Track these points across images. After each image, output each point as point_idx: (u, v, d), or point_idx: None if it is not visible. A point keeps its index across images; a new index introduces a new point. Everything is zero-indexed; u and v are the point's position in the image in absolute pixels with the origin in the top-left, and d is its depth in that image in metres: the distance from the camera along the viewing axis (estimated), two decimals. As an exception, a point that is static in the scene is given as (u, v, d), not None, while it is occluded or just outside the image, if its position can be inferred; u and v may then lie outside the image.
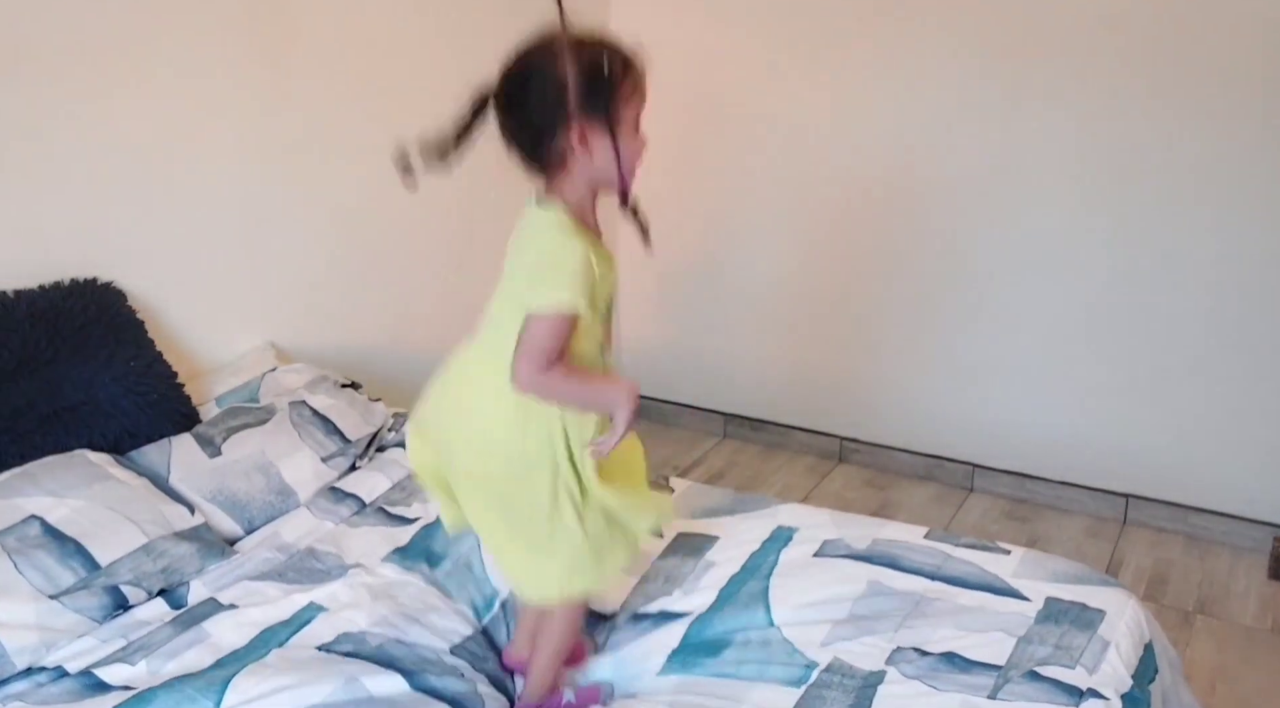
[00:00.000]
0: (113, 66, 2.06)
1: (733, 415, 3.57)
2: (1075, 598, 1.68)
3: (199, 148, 2.24)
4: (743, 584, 1.77)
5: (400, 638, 1.63)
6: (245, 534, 1.93)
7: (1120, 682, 1.50)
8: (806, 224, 3.19)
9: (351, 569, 1.81)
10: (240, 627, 1.64)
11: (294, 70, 2.41)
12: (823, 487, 3.24)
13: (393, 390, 2.70)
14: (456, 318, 3.02)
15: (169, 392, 2.04)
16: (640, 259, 3.58)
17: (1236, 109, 2.59)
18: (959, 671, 1.53)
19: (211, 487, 1.93)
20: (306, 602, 1.70)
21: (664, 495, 1.96)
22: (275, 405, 2.14)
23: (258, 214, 2.39)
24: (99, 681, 1.52)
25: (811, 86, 3.05)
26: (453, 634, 1.67)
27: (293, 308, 2.51)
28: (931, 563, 1.79)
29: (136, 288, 2.13)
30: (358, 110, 2.59)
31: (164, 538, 1.77)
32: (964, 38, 2.82)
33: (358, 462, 2.15)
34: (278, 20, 2.35)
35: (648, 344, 3.70)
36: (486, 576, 1.82)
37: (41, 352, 1.87)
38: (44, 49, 1.95)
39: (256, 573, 1.79)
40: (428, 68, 2.77)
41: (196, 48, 2.20)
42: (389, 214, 2.73)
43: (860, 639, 1.61)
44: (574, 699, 1.60)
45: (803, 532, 1.90)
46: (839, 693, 1.49)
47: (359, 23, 2.56)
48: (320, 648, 1.59)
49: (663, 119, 3.40)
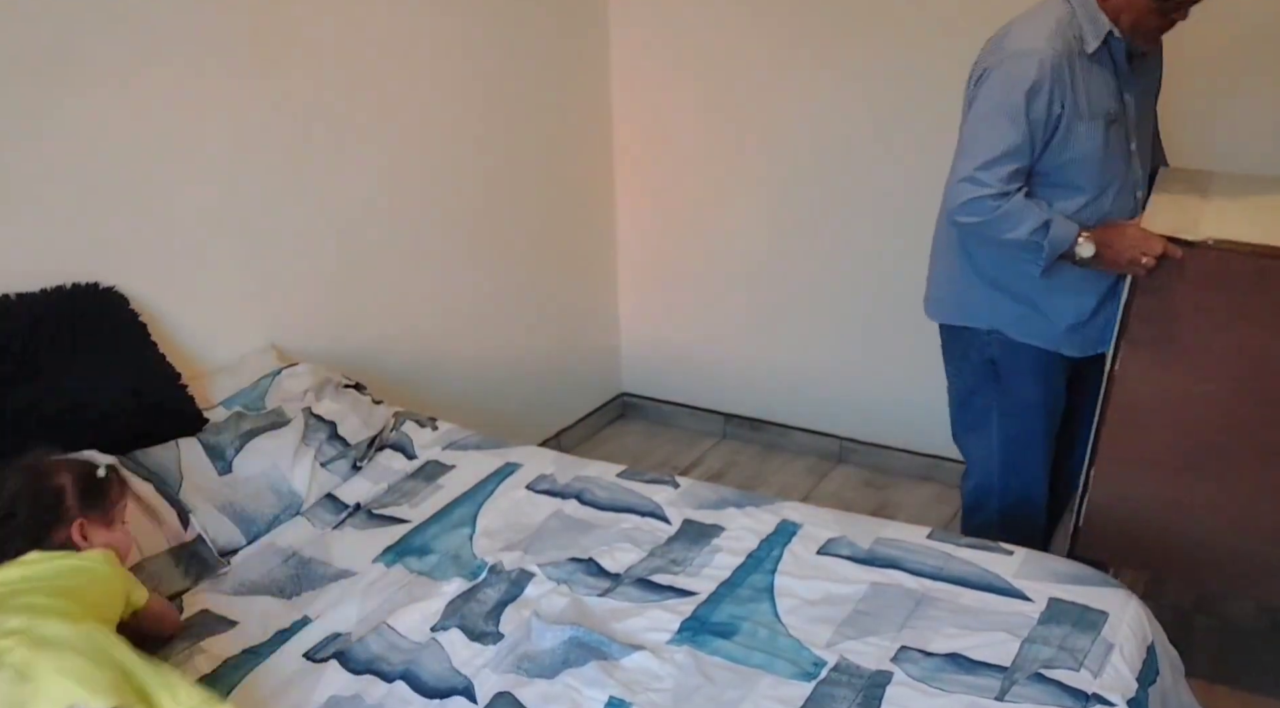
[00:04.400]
0: (113, 68, 2.05)
1: (732, 415, 3.58)
2: (1077, 599, 1.69)
3: (200, 150, 2.24)
4: (749, 575, 1.80)
5: (386, 636, 1.66)
6: (246, 544, 1.94)
7: (1126, 687, 1.51)
8: (807, 224, 3.19)
9: (347, 575, 1.84)
10: (234, 641, 1.66)
11: (294, 72, 2.41)
12: (822, 487, 3.25)
13: (394, 391, 2.71)
14: (456, 318, 3.03)
15: (172, 393, 2.04)
16: (640, 259, 3.60)
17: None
18: (964, 672, 1.54)
19: (221, 500, 1.94)
20: (300, 615, 1.73)
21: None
22: (284, 411, 2.15)
23: (259, 216, 2.39)
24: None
25: (812, 85, 3.05)
26: (433, 616, 1.71)
27: (294, 309, 2.51)
28: (934, 563, 1.80)
29: (138, 291, 2.12)
30: (358, 112, 2.59)
31: (157, 556, 1.79)
32: (950, 32, 2.83)
33: (358, 462, 2.16)
34: (277, 22, 2.35)
35: (648, 344, 3.70)
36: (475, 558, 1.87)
37: (44, 355, 1.87)
38: (44, 51, 1.94)
39: (248, 587, 1.81)
40: (427, 69, 2.77)
41: (197, 49, 2.19)
42: (390, 215, 2.73)
43: (864, 639, 1.62)
44: None
45: (806, 529, 1.92)
46: (848, 692, 1.50)
47: (359, 25, 2.56)
48: (307, 656, 1.63)
49: (663, 119, 3.42)
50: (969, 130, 2.05)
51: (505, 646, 1.63)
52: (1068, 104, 1.97)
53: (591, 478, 2.13)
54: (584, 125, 3.37)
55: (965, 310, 2.26)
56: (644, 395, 3.78)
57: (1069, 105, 1.97)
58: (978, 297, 2.21)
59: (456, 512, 2.03)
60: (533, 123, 3.14)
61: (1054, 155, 2.01)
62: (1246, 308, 1.95)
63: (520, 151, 3.11)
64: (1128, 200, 2.09)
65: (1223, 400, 2.02)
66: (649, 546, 1.89)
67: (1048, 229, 1.98)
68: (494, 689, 1.53)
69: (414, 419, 2.34)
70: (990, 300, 2.20)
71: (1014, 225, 1.99)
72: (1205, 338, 2.00)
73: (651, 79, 3.33)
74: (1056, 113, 1.97)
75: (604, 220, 3.56)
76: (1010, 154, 1.97)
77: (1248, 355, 1.98)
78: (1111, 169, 2.05)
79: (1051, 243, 1.99)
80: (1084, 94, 1.98)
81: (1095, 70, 2.00)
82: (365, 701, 1.52)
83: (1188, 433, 2.08)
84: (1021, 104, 1.95)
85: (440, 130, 2.84)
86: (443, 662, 1.61)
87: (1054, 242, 1.99)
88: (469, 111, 2.92)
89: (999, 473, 2.38)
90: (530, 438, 3.20)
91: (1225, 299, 1.96)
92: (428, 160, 2.82)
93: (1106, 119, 2.01)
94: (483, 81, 2.94)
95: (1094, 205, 2.06)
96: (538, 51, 3.12)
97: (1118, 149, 2.05)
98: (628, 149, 3.47)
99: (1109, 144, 2.02)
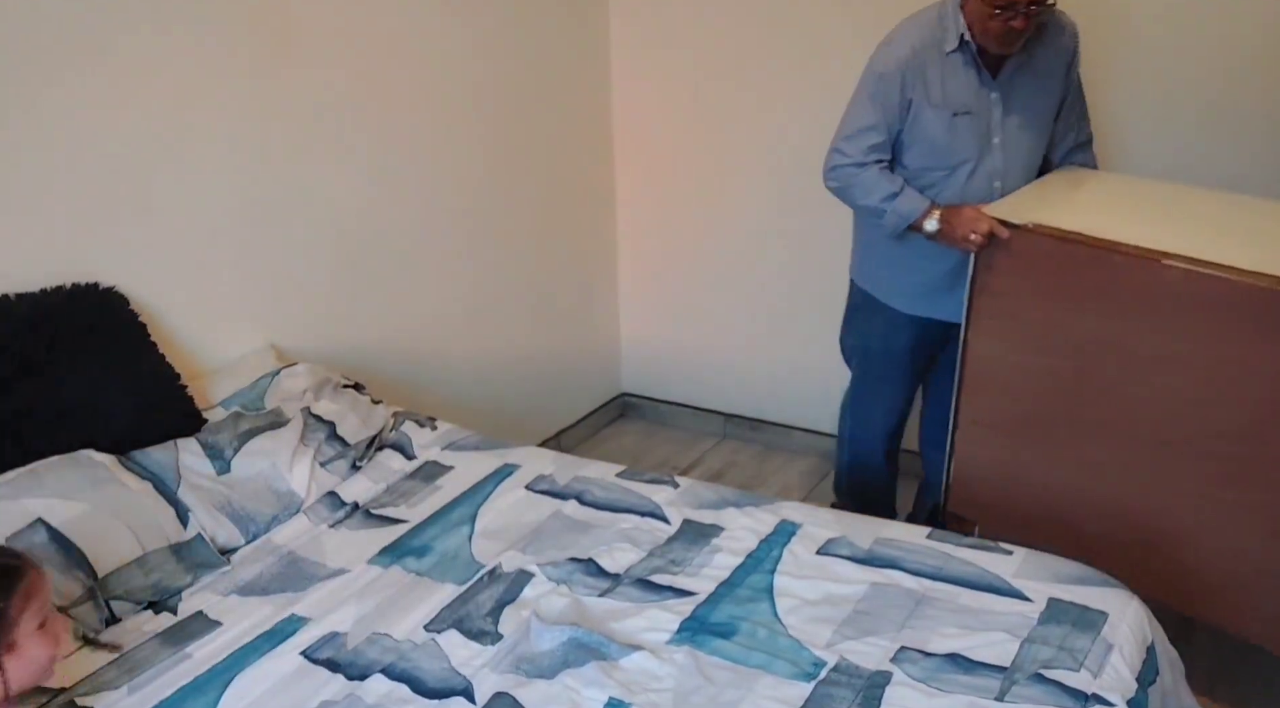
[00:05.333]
0: (113, 68, 2.05)
1: (732, 415, 3.58)
2: (1077, 599, 1.69)
3: (199, 150, 2.24)
4: (748, 575, 1.80)
5: (382, 635, 1.67)
6: (245, 543, 1.94)
7: (1126, 687, 1.51)
8: (806, 224, 3.19)
9: (341, 575, 1.84)
10: (228, 639, 1.67)
11: (293, 72, 2.41)
12: (822, 487, 3.24)
13: (393, 391, 2.71)
14: (456, 318, 3.03)
15: (171, 393, 2.04)
16: (640, 259, 3.60)
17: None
18: (964, 672, 1.53)
19: (219, 500, 1.94)
20: (290, 613, 1.73)
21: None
22: (283, 411, 2.15)
23: (258, 216, 2.39)
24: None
25: (813, 84, 3.05)
26: (432, 616, 1.72)
27: (293, 309, 2.51)
28: (933, 563, 1.80)
29: (137, 291, 2.12)
30: (357, 111, 2.59)
31: (157, 551, 1.79)
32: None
33: (357, 462, 2.16)
34: (277, 22, 2.35)
35: (648, 344, 3.70)
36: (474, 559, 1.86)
37: (42, 355, 1.87)
38: (44, 51, 1.94)
39: (247, 585, 1.81)
40: (427, 69, 2.77)
41: (196, 50, 2.19)
42: (389, 215, 2.73)
43: (864, 639, 1.62)
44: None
45: (806, 529, 1.92)
46: (848, 692, 1.50)
47: (358, 24, 2.55)
48: (304, 655, 1.63)
49: (664, 119, 3.42)
50: (846, 108, 2.37)
51: (504, 646, 1.63)
52: (918, 93, 2.25)
53: (591, 478, 2.13)
54: (584, 125, 3.37)
55: (855, 268, 2.64)
56: (644, 395, 3.78)
57: (919, 94, 2.25)
58: (859, 257, 2.61)
59: (455, 512, 2.03)
60: (533, 123, 3.14)
61: (908, 135, 2.31)
62: (1055, 288, 2.11)
63: (520, 151, 3.11)
64: (982, 185, 2.33)
65: (1047, 375, 2.18)
66: (648, 546, 1.89)
67: (894, 199, 2.29)
68: (493, 690, 1.53)
69: (413, 419, 2.34)
70: (866, 260, 2.58)
71: (866, 193, 2.33)
72: (1030, 314, 2.18)
73: (652, 79, 3.33)
74: (908, 99, 2.26)
75: (604, 220, 3.56)
76: (867, 130, 2.30)
77: (1063, 334, 2.13)
78: (960, 154, 2.30)
79: (897, 212, 2.30)
80: (937, 86, 2.25)
81: (954, 68, 2.26)
82: (364, 701, 1.52)
83: (1020, 402, 2.25)
84: (878, 89, 2.27)
85: (440, 130, 2.83)
86: (442, 662, 1.61)
87: (900, 211, 2.30)
88: (469, 111, 2.91)
89: (850, 424, 2.78)
90: (530, 438, 3.19)
91: (1038, 279, 2.13)
92: (427, 160, 2.82)
93: (955, 110, 2.27)
94: (483, 81, 2.94)
95: (946, 182, 2.33)
96: (538, 52, 3.12)
97: (969, 138, 2.29)
98: (628, 149, 3.47)
99: (955, 132, 2.28)
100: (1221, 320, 1.89)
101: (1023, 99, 2.31)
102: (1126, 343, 2.02)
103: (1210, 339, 1.91)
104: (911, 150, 2.32)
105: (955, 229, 2.21)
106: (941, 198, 2.32)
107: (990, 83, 2.27)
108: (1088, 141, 2.48)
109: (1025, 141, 2.34)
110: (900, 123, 2.29)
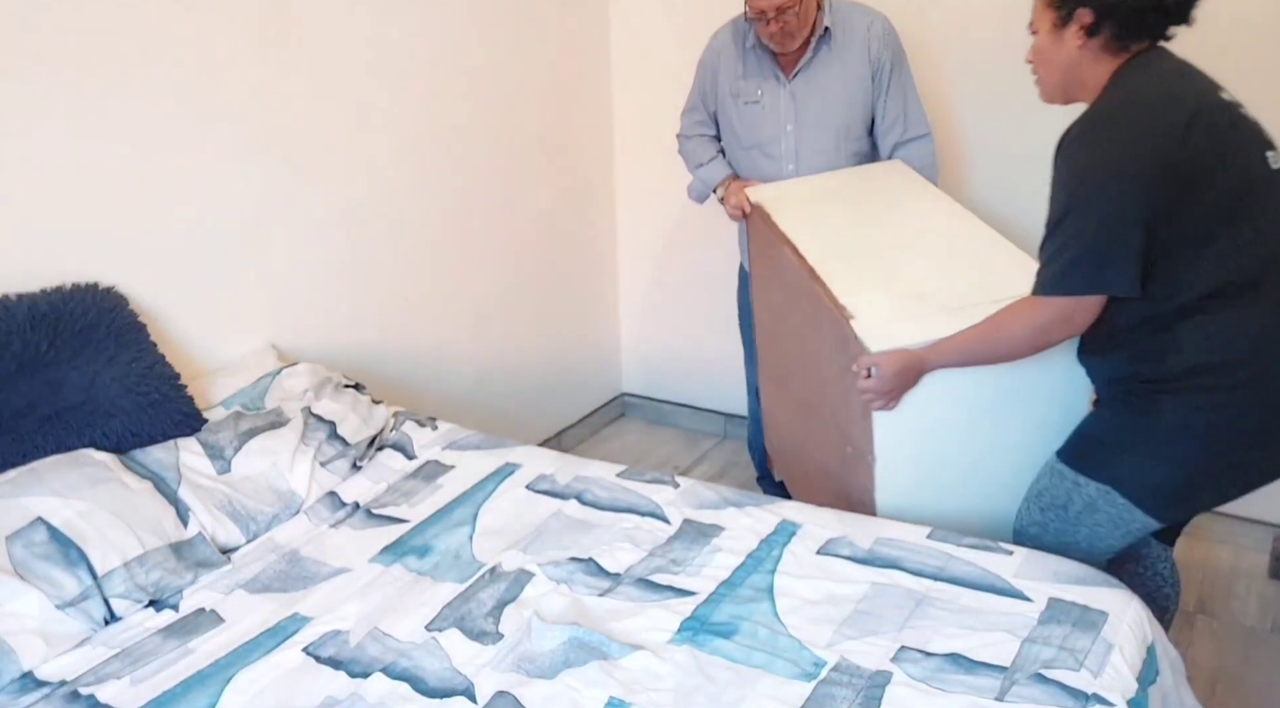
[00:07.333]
0: (113, 68, 2.05)
1: (732, 415, 3.58)
2: (1077, 599, 1.69)
3: (199, 150, 2.24)
4: (749, 575, 1.80)
5: (383, 634, 1.67)
6: (245, 542, 1.94)
7: (1126, 687, 1.50)
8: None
9: (342, 574, 1.84)
10: (231, 635, 1.67)
11: (294, 71, 2.41)
12: (823, 487, 3.24)
13: (393, 390, 2.71)
14: (457, 317, 3.03)
15: (171, 392, 2.04)
16: (640, 260, 3.60)
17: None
18: (964, 672, 1.53)
19: (220, 499, 1.94)
20: (293, 611, 1.73)
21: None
22: (284, 411, 2.15)
23: (258, 216, 2.39)
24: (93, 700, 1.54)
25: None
26: (433, 615, 1.72)
27: (294, 309, 2.51)
28: (934, 563, 1.80)
29: (138, 290, 2.13)
30: (358, 111, 2.59)
31: (158, 550, 1.79)
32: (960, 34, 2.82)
33: (358, 462, 2.16)
34: (277, 22, 2.35)
35: (648, 344, 3.70)
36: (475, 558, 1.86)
37: (42, 354, 1.87)
38: (44, 51, 1.94)
39: (249, 583, 1.81)
40: (428, 68, 2.77)
41: (196, 49, 2.20)
42: (389, 214, 2.74)
43: (865, 639, 1.62)
44: None
45: (806, 528, 1.92)
46: (848, 692, 1.50)
47: (359, 23, 2.56)
48: (307, 652, 1.63)
49: (665, 119, 3.42)
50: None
51: (505, 646, 1.63)
52: (721, 83, 2.63)
53: (591, 478, 2.13)
54: (585, 126, 3.37)
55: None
56: (644, 395, 3.78)
57: (722, 84, 2.63)
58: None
59: (456, 512, 2.03)
60: (534, 123, 3.14)
61: (720, 117, 2.68)
62: (765, 257, 2.45)
63: (521, 151, 3.11)
64: (774, 165, 2.62)
65: (770, 329, 2.55)
66: (649, 545, 1.89)
67: (701, 168, 2.71)
68: (494, 689, 1.53)
69: (414, 419, 2.34)
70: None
71: (688, 159, 2.77)
72: (760, 273, 2.56)
73: (653, 78, 3.33)
74: (713, 85, 2.65)
75: (604, 220, 3.56)
76: (692, 109, 2.74)
77: (769, 296, 2.49)
78: (753, 137, 2.61)
79: (702, 177, 2.72)
80: (735, 77, 2.60)
81: (754, 63, 2.58)
82: (365, 700, 1.52)
83: (771, 357, 2.58)
84: (698, 75, 2.70)
85: (441, 130, 2.84)
86: (443, 662, 1.61)
87: (703, 177, 2.72)
88: (469, 111, 2.92)
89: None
90: (530, 438, 3.20)
91: (761, 248, 2.48)
92: (428, 160, 2.82)
93: (746, 100, 2.59)
94: (484, 82, 2.94)
95: (743, 159, 2.66)
96: (539, 51, 3.12)
97: (760, 124, 2.59)
98: (628, 149, 3.47)
99: (745, 119, 2.61)
100: (812, 311, 2.17)
101: (819, 93, 2.54)
102: (788, 314, 2.37)
103: (811, 321, 2.22)
104: (722, 130, 2.70)
105: (727, 200, 2.59)
106: (741, 172, 2.67)
107: (781, 78, 2.55)
108: (918, 138, 2.59)
109: (822, 131, 2.57)
110: (713, 105, 2.68)
